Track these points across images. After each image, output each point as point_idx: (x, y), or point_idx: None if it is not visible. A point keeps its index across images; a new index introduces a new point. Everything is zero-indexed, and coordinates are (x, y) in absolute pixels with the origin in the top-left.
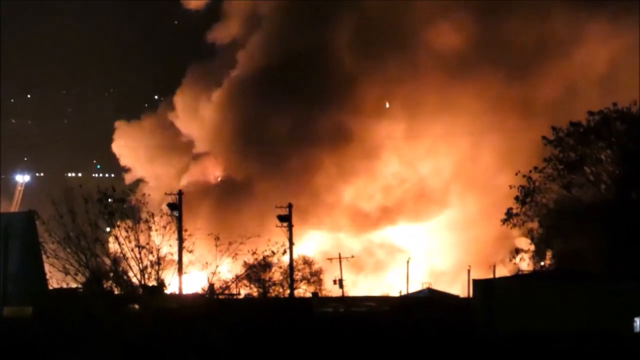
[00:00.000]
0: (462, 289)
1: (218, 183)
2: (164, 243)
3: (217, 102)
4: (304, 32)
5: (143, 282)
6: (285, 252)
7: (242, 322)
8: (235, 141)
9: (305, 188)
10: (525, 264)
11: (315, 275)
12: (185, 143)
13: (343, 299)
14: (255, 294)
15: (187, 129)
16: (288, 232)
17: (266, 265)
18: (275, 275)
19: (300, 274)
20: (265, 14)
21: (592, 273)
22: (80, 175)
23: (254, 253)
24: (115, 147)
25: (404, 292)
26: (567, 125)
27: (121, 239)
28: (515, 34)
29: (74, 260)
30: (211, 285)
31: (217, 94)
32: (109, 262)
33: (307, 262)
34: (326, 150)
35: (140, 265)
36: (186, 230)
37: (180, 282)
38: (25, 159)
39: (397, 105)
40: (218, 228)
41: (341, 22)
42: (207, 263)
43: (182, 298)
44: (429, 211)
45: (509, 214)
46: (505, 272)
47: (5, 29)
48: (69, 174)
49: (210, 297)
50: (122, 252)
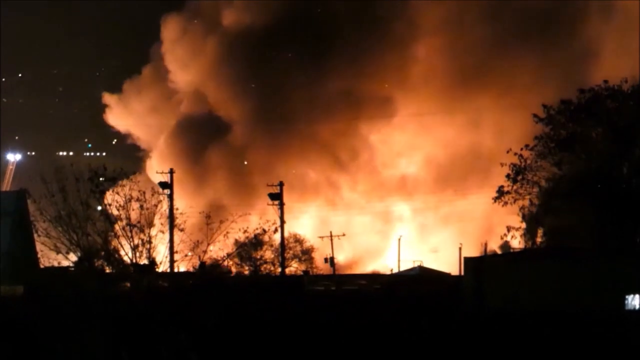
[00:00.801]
0: (453, 267)
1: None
2: (155, 222)
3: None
4: None
5: (134, 260)
6: (276, 230)
7: (234, 300)
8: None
9: (298, 164)
10: (517, 241)
11: (307, 254)
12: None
13: (334, 277)
14: (247, 272)
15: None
16: (279, 210)
17: (257, 243)
18: (267, 253)
19: (291, 252)
20: None
21: (583, 250)
22: (71, 154)
23: (246, 231)
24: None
25: (395, 271)
26: (557, 103)
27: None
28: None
29: (65, 238)
30: (202, 264)
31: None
32: (100, 241)
33: (298, 240)
34: (322, 123)
35: (132, 243)
36: (177, 209)
37: (172, 261)
38: (17, 137)
39: (394, 83)
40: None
41: None
42: (198, 241)
43: (174, 276)
44: (423, 188)
45: (501, 192)
46: (496, 250)
47: None
48: (60, 153)
49: (201, 275)
50: (113, 230)
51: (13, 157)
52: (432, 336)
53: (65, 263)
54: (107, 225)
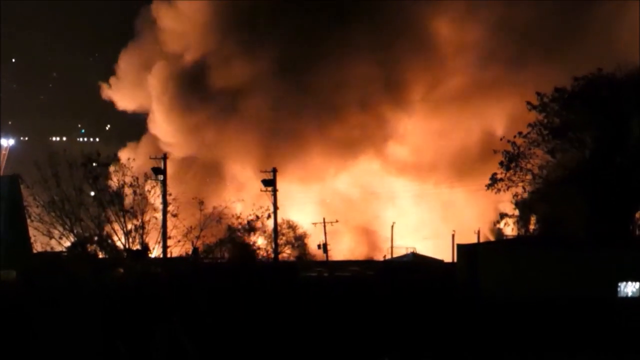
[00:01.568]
0: (446, 254)
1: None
2: (148, 207)
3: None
4: None
5: (127, 246)
6: (269, 216)
7: (227, 285)
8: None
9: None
10: (510, 229)
11: (300, 240)
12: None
13: (327, 264)
14: (239, 258)
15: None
16: (272, 197)
17: (250, 229)
18: (260, 239)
19: (284, 238)
20: None
21: (576, 238)
22: (64, 139)
23: (239, 217)
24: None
25: (389, 257)
26: (551, 91)
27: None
28: None
29: (58, 224)
30: (195, 249)
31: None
32: (93, 226)
33: (291, 226)
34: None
35: (125, 229)
36: (170, 195)
37: (165, 246)
38: (10, 123)
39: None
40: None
41: None
42: (191, 227)
43: (167, 262)
44: (416, 176)
45: (494, 179)
46: (490, 237)
47: None
48: (54, 138)
49: (194, 261)
50: (106, 216)
51: (6, 143)
52: (426, 322)
53: (58, 248)
54: (101, 210)
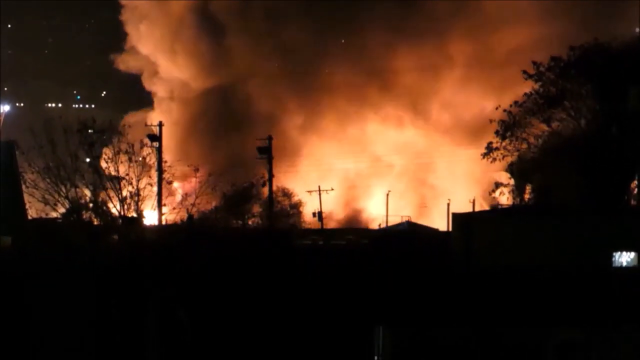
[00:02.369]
0: (441, 223)
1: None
2: (143, 174)
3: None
4: None
5: (122, 213)
6: (265, 184)
7: (221, 253)
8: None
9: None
10: (505, 198)
11: (295, 208)
12: None
13: (322, 232)
14: (235, 225)
15: None
16: (268, 165)
17: (246, 196)
18: (255, 207)
19: (279, 206)
20: None
21: (571, 207)
22: (60, 105)
23: (234, 184)
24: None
25: (384, 225)
26: (548, 60)
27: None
28: None
29: (53, 190)
30: (190, 216)
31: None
32: (88, 193)
33: (286, 194)
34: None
35: (120, 196)
36: (166, 162)
37: (160, 214)
38: (5, 89)
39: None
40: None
41: None
42: (186, 194)
43: (162, 229)
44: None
45: (489, 148)
46: (485, 207)
47: None
48: (49, 105)
49: (189, 228)
50: (101, 182)
51: (2, 109)
52: (419, 290)
53: (53, 215)
54: (96, 177)
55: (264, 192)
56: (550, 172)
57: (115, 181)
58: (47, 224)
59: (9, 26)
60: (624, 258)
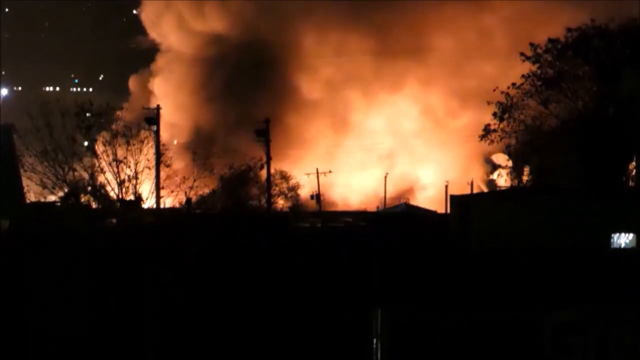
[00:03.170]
0: (439, 205)
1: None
2: (141, 157)
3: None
4: None
5: (120, 196)
6: (262, 166)
7: (219, 235)
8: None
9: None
10: (503, 180)
11: (293, 190)
12: None
13: (320, 214)
14: (232, 208)
15: None
16: (265, 147)
17: (243, 179)
18: (253, 190)
19: (277, 188)
20: None
21: (569, 188)
22: (58, 89)
23: (232, 167)
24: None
25: (382, 208)
26: (545, 42)
27: (99, 153)
28: None
29: (51, 174)
30: (188, 200)
31: None
32: (86, 176)
33: (284, 176)
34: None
35: (118, 179)
36: (164, 145)
37: (158, 197)
38: (3, 72)
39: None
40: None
41: None
42: (184, 178)
43: (160, 212)
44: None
45: (487, 130)
46: (483, 189)
47: None
48: (47, 88)
49: (187, 211)
50: (99, 166)
51: None
52: (417, 272)
53: (51, 198)
54: (94, 160)
55: (262, 175)
56: (548, 154)
57: (114, 164)
58: (45, 207)
59: (7, 10)
60: (623, 239)
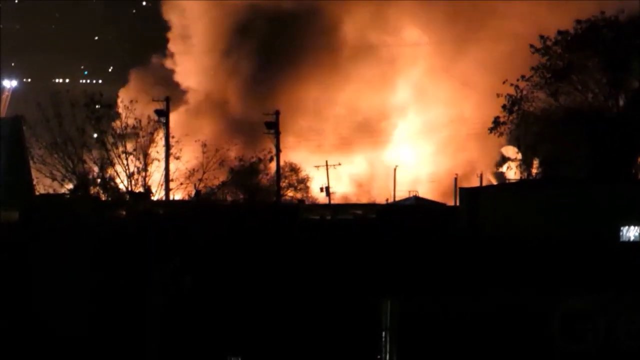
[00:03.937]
0: (448, 198)
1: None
2: (151, 150)
3: None
4: None
5: (130, 188)
6: (272, 159)
7: (228, 227)
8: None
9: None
10: (513, 172)
11: (302, 183)
12: None
13: (329, 207)
14: (242, 200)
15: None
16: (275, 139)
17: (253, 171)
18: (262, 182)
19: (287, 181)
20: None
21: (578, 180)
22: (67, 80)
23: (241, 159)
24: None
25: (391, 200)
26: (554, 34)
27: (108, 145)
28: None
29: (60, 165)
30: (198, 192)
31: None
32: (96, 168)
33: (294, 169)
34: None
35: (127, 171)
36: (173, 137)
37: (167, 189)
38: (13, 64)
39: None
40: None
41: None
42: (194, 170)
43: (169, 204)
44: (416, 120)
45: (497, 123)
46: (493, 181)
47: None
48: (57, 80)
49: (196, 202)
50: (109, 157)
51: (9, 84)
52: (425, 263)
53: (61, 190)
54: (103, 152)
55: (272, 167)
56: (557, 145)
57: (123, 156)
58: (54, 199)
59: (16, 1)
60: (632, 232)
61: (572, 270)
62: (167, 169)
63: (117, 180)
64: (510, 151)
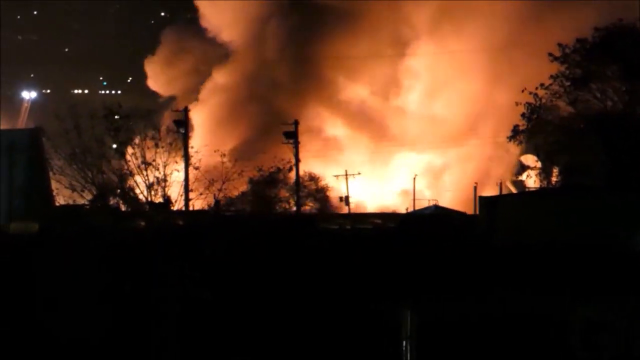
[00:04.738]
0: (468, 206)
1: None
2: (170, 160)
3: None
4: None
5: (149, 198)
6: (291, 168)
7: (247, 237)
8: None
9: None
10: (532, 181)
11: (322, 192)
12: None
13: (349, 216)
14: (261, 210)
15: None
16: (294, 149)
17: (272, 181)
18: (282, 192)
19: (306, 190)
20: None
21: (596, 188)
22: (86, 92)
23: (261, 169)
24: None
25: (411, 209)
26: (573, 42)
27: (128, 156)
28: None
29: (80, 176)
30: (217, 202)
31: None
32: (115, 179)
33: (313, 178)
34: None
35: (147, 182)
36: (192, 147)
37: (187, 199)
38: (32, 75)
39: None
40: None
41: None
42: (213, 180)
43: (188, 214)
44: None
45: (516, 131)
46: (513, 190)
47: None
48: (75, 91)
49: (215, 213)
50: (128, 168)
51: (28, 95)
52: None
53: (80, 201)
54: (123, 163)
55: (291, 177)
56: (575, 153)
57: (143, 167)
58: (74, 210)
59: (35, 12)
60: None
61: (591, 277)
62: (186, 179)
63: (137, 191)
64: (530, 159)
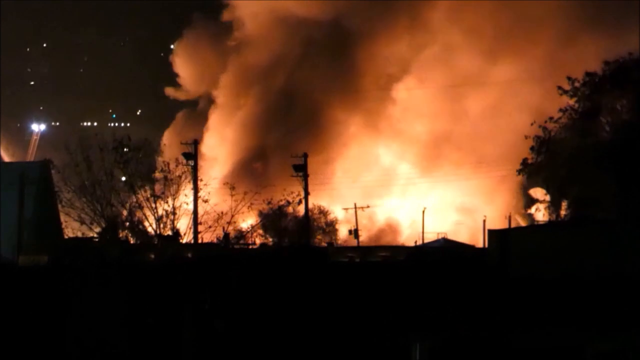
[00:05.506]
0: (477, 240)
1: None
2: (179, 193)
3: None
4: None
5: (159, 231)
6: (301, 201)
7: (257, 269)
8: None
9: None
10: (541, 214)
11: (331, 225)
12: None
13: (358, 249)
14: (271, 243)
15: None
16: (303, 182)
17: (281, 214)
18: (291, 224)
19: (315, 223)
20: None
21: (606, 220)
22: (95, 124)
23: (270, 202)
24: None
25: (420, 243)
26: (582, 75)
27: (137, 188)
28: None
29: (89, 209)
30: (226, 235)
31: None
32: (124, 212)
33: (322, 211)
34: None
35: (156, 214)
36: (201, 180)
37: (196, 232)
38: (41, 108)
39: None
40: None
41: None
42: (222, 213)
43: (198, 247)
44: (445, 163)
45: (525, 164)
46: (521, 223)
47: None
48: (85, 123)
49: (225, 246)
50: (137, 201)
51: (37, 127)
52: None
53: (89, 234)
54: (132, 195)
55: (300, 210)
56: (586, 186)
57: (151, 199)
58: (83, 242)
59: (45, 45)
60: None
61: (603, 309)
62: (195, 212)
63: (146, 224)
64: (539, 193)
